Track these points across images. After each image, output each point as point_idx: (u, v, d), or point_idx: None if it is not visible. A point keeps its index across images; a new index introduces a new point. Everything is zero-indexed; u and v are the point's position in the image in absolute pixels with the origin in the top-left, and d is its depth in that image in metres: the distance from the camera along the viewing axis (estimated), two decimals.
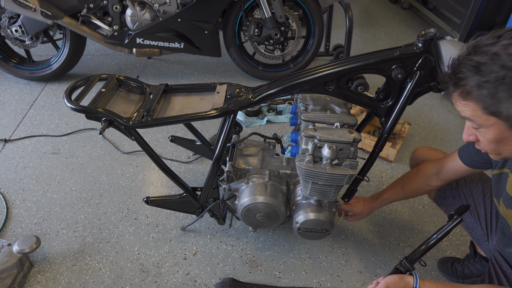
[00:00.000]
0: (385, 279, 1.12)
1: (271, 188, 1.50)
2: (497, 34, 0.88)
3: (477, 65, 0.87)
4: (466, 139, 1.04)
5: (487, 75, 0.85)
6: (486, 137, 0.97)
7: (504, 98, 0.85)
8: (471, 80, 0.88)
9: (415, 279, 1.10)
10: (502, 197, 1.16)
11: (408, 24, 4.19)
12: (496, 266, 1.23)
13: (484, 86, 0.86)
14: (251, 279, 1.63)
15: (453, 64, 0.94)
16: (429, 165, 1.45)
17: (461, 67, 0.90)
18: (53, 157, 2.24)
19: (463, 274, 1.57)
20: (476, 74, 0.87)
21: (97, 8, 2.59)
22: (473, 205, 1.42)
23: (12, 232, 1.79)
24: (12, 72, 2.85)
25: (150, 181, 2.10)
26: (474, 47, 0.90)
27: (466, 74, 0.89)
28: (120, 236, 1.79)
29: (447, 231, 1.21)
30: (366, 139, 2.27)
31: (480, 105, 0.90)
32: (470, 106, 0.92)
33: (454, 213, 1.22)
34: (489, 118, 0.91)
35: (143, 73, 3.13)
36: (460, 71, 0.90)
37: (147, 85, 1.54)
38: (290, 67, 3.00)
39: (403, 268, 1.18)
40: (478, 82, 0.87)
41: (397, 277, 1.12)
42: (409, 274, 1.15)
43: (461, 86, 0.91)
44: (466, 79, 0.89)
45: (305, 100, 1.43)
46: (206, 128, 2.51)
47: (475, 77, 0.87)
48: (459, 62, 0.91)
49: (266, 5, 2.57)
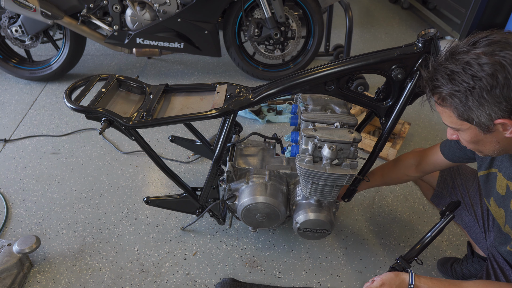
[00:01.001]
0: (380, 276, 1.14)
1: (271, 188, 1.50)
2: (472, 40, 0.90)
3: (450, 74, 0.90)
4: (450, 137, 1.08)
5: (458, 85, 0.89)
6: (464, 138, 1.01)
7: (474, 107, 0.89)
8: (445, 88, 0.91)
9: (410, 275, 1.12)
10: (492, 196, 1.17)
11: (408, 24, 4.19)
12: (493, 262, 1.25)
13: (456, 95, 0.90)
14: (251, 279, 1.63)
15: (432, 69, 0.96)
16: (409, 155, 1.48)
17: (437, 74, 0.93)
18: (53, 157, 2.24)
19: (462, 275, 1.57)
20: (450, 82, 0.90)
21: (97, 8, 2.59)
22: (470, 203, 1.43)
23: (12, 232, 1.79)
24: (12, 72, 2.85)
25: (150, 181, 2.10)
26: (451, 54, 0.92)
27: (441, 82, 0.92)
28: (120, 236, 1.79)
29: (441, 228, 1.23)
30: (366, 139, 2.27)
31: (454, 112, 0.94)
32: (446, 113, 0.97)
33: (445, 209, 1.24)
34: (463, 123, 0.95)
35: (143, 73, 3.13)
36: (436, 78, 0.93)
37: (147, 85, 1.54)
38: (290, 67, 3.00)
39: (399, 267, 1.20)
40: (451, 90, 0.90)
41: (393, 274, 1.14)
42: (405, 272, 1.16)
43: (437, 93, 0.95)
44: (441, 87, 0.92)
45: (305, 100, 1.43)
46: (206, 128, 2.51)
47: (448, 85, 0.90)
48: (436, 69, 0.94)
49: (266, 5, 2.57)
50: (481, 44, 0.88)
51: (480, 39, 0.89)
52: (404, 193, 2.05)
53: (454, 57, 0.91)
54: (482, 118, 0.89)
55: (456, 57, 0.90)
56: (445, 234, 1.83)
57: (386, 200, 2.01)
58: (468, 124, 0.94)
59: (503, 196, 1.11)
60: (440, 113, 1.00)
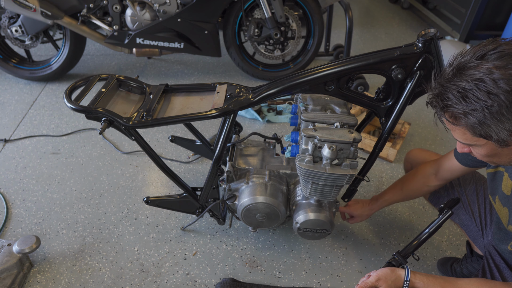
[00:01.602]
0: (376, 272, 1.15)
1: (271, 188, 1.50)
2: (479, 53, 0.86)
3: (463, 91, 0.86)
4: (461, 151, 1.04)
5: (474, 103, 0.84)
6: (479, 152, 0.98)
7: (492, 124, 0.85)
8: (458, 108, 0.87)
9: (406, 271, 1.12)
10: (497, 195, 1.17)
11: (408, 24, 4.19)
12: (490, 260, 1.25)
13: (472, 114, 0.86)
14: (251, 279, 1.63)
15: (438, 85, 0.92)
16: (427, 165, 1.46)
17: (447, 92, 0.89)
18: (53, 157, 2.24)
19: (462, 274, 1.57)
20: (463, 101, 0.86)
21: (97, 8, 2.59)
22: (467, 202, 1.43)
23: (12, 232, 1.79)
24: (12, 72, 2.85)
25: (150, 181, 2.10)
26: (459, 69, 0.88)
27: (453, 101, 0.88)
28: (120, 236, 1.79)
29: (438, 225, 1.23)
30: (366, 139, 2.27)
31: (469, 130, 0.90)
32: (460, 130, 0.93)
33: (444, 206, 1.25)
34: (479, 140, 0.91)
35: (143, 73, 3.13)
36: (447, 97, 0.89)
37: (147, 85, 1.54)
38: (290, 67, 3.00)
39: (396, 262, 1.20)
40: (465, 109, 0.86)
41: (389, 269, 1.15)
42: (402, 268, 1.16)
43: (449, 112, 0.91)
44: (453, 106, 0.88)
45: (305, 100, 1.43)
46: (206, 128, 2.51)
47: (462, 104, 0.86)
48: (445, 86, 0.90)
49: (266, 5, 2.57)
50: (491, 57, 0.84)
51: (488, 52, 0.85)
52: None
53: (463, 73, 0.86)
54: (501, 134, 0.85)
55: (465, 72, 0.86)
56: (445, 234, 1.83)
57: None
58: (484, 140, 0.91)
59: (508, 196, 1.11)
60: (452, 130, 0.96)
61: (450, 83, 0.88)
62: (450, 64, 0.91)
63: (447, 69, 0.91)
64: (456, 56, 0.92)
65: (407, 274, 1.11)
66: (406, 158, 1.65)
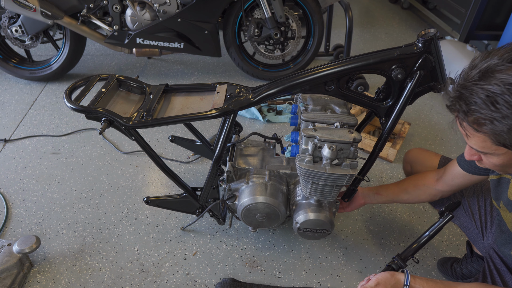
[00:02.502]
0: (376, 276, 1.13)
1: (271, 188, 1.50)
2: (509, 56, 0.81)
3: (492, 96, 0.80)
4: (469, 158, 1.00)
5: (504, 110, 0.79)
6: (492, 161, 0.93)
7: None
8: (485, 113, 0.81)
9: (406, 276, 1.11)
10: (502, 200, 1.15)
11: (408, 24, 4.19)
12: (490, 263, 1.24)
13: (501, 121, 0.80)
14: (251, 279, 1.63)
15: (462, 87, 0.85)
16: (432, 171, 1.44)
17: (473, 95, 0.82)
18: (53, 157, 2.24)
19: (462, 275, 1.57)
20: (491, 106, 0.80)
21: (97, 8, 2.59)
22: (467, 204, 1.42)
23: (12, 232, 1.79)
24: (12, 72, 2.85)
25: (150, 181, 2.10)
26: (486, 72, 0.81)
27: (480, 105, 0.81)
28: (120, 236, 1.79)
29: (439, 228, 1.22)
30: (366, 139, 2.27)
31: (491, 138, 0.84)
32: (479, 138, 0.87)
33: (445, 209, 1.23)
34: (500, 149, 0.87)
35: (143, 73, 3.13)
36: (473, 101, 0.82)
37: (147, 85, 1.54)
38: (290, 67, 3.00)
39: (396, 265, 1.19)
40: (493, 116, 0.80)
41: (388, 274, 1.13)
42: (401, 272, 1.15)
43: (473, 117, 0.85)
44: (479, 111, 0.82)
45: (305, 100, 1.43)
46: (206, 128, 2.51)
47: (489, 110, 0.80)
48: (471, 89, 0.83)
49: (266, 5, 2.57)
50: None
51: None
52: None
53: (492, 76, 0.80)
54: None
55: (494, 76, 0.79)
56: (445, 234, 1.83)
57: None
58: (504, 150, 0.86)
59: None
60: (469, 137, 0.90)
61: (476, 86, 0.82)
62: (473, 66, 0.85)
63: (471, 71, 0.85)
64: (477, 58, 0.85)
65: (407, 279, 1.10)
66: (405, 158, 1.65)
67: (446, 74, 1.28)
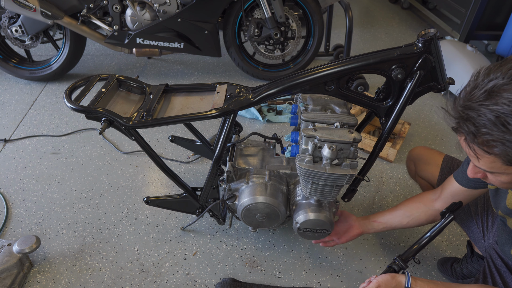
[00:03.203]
0: (377, 278, 1.13)
1: (271, 188, 1.50)
2: None
3: (501, 117, 0.77)
4: (473, 176, 0.97)
5: None
6: (500, 180, 0.91)
7: None
8: (496, 135, 0.79)
9: (407, 278, 1.10)
10: (500, 209, 1.14)
11: (408, 24, 4.19)
12: (491, 264, 1.24)
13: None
14: (251, 279, 1.63)
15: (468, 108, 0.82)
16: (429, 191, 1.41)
17: (482, 116, 0.79)
18: (53, 157, 2.24)
19: (462, 274, 1.57)
20: (502, 127, 0.77)
21: (97, 8, 2.59)
22: (468, 203, 1.42)
23: (12, 232, 1.79)
24: (12, 72, 2.85)
25: (150, 181, 2.10)
26: (492, 91, 0.78)
27: (489, 128, 0.79)
28: (120, 236, 1.79)
29: (440, 229, 1.22)
30: (366, 139, 2.27)
31: (502, 159, 0.82)
32: (489, 159, 0.85)
33: (446, 210, 1.23)
34: (510, 168, 0.84)
35: (143, 73, 3.13)
36: (482, 123, 0.80)
37: (147, 85, 1.54)
38: (290, 67, 3.00)
39: (397, 266, 1.19)
40: (505, 137, 0.78)
41: (389, 276, 1.13)
42: (402, 273, 1.15)
43: (482, 139, 0.82)
44: (489, 133, 0.79)
45: (305, 100, 1.43)
46: (206, 128, 2.51)
47: (500, 132, 0.78)
48: (477, 110, 0.80)
49: (266, 5, 2.57)
50: None
51: None
52: (404, 193, 2.05)
53: (499, 95, 0.77)
54: None
55: (501, 95, 0.77)
56: (445, 234, 1.83)
57: (386, 200, 2.01)
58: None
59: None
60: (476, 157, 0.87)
61: (483, 107, 0.79)
62: (476, 85, 0.82)
63: (475, 91, 0.82)
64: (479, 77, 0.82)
65: (408, 281, 1.10)
66: (408, 156, 1.64)
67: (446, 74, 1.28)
